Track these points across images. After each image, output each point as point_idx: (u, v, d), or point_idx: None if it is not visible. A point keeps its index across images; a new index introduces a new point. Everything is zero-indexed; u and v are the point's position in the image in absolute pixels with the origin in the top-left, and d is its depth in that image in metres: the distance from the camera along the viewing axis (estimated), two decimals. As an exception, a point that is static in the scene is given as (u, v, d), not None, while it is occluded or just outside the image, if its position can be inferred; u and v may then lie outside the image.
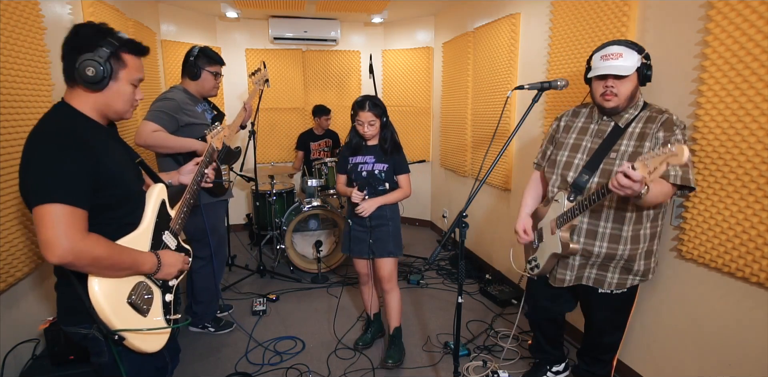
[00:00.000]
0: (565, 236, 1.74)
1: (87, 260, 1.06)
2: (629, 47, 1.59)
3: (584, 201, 1.60)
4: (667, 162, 1.21)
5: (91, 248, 1.06)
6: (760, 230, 1.51)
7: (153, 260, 1.24)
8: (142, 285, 1.23)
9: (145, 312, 1.23)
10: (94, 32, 1.17)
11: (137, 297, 1.20)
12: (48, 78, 2.04)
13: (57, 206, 1.04)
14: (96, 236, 1.10)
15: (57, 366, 1.75)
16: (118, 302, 1.15)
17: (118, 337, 1.13)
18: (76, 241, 1.04)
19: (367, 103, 2.21)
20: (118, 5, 2.91)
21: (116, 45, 1.17)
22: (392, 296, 2.39)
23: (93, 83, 1.15)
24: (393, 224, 2.34)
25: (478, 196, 2.95)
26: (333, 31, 4.58)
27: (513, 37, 2.97)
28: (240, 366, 2.37)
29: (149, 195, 1.34)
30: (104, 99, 1.20)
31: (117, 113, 1.25)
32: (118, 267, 1.13)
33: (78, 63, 1.13)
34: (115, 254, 1.12)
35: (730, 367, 1.66)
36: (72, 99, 1.20)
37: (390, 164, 2.29)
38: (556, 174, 1.83)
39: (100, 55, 1.14)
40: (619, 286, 1.74)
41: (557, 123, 1.92)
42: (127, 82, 1.22)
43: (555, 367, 2.16)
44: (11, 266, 1.72)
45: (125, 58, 1.21)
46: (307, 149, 4.43)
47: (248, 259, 3.98)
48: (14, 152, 1.77)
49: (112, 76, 1.18)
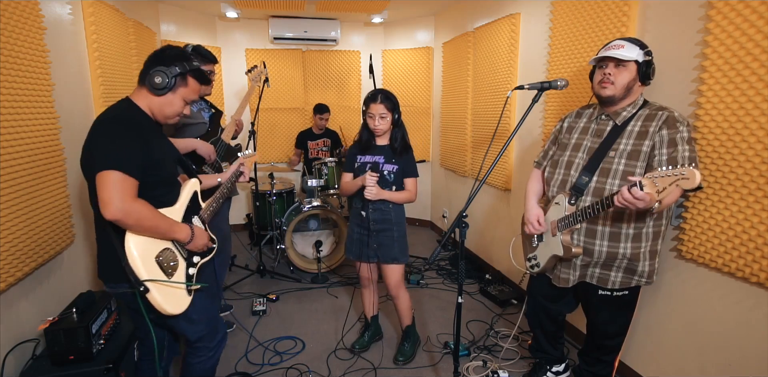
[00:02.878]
0: (567, 240, 1.74)
1: (133, 219, 1.28)
2: (632, 42, 1.62)
3: (588, 209, 1.59)
4: (677, 184, 1.22)
5: (138, 209, 1.29)
6: (760, 230, 1.51)
7: (188, 230, 1.48)
8: (169, 251, 1.44)
9: (170, 274, 1.43)
10: (177, 54, 1.47)
11: (164, 259, 1.42)
12: (48, 78, 2.04)
13: (116, 172, 1.27)
14: (143, 201, 1.33)
15: (57, 366, 1.75)
16: (147, 257, 1.36)
17: (143, 288, 1.32)
18: (127, 202, 1.27)
19: (379, 95, 2.15)
20: (118, 5, 2.91)
21: (187, 69, 1.46)
22: (401, 300, 2.39)
23: (156, 89, 1.44)
24: (398, 230, 2.28)
25: (478, 196, 2.95)
26: (333, 31, 4.58)
27: (513, 37, 2.97)
28: (240, 366, 2.37)
29: (184, 186, 1.60)
30: (159, 103, 1.48)
31: (164, 117, 1.51)
32: (157, 229, 1.36)
33: (152, 70, 1.42)
34: (157, 218, 1.36)
35: (731, 367, 1.66)
36: (135, 97, 1.48)
37: (400, 165, 2.23)
38: (558, 173, 1.83)
39: (171, 71, 1.43)
40: (623, 284, 1.74)
41: (561, 124, 1.92)
42: (181, 98, 1.50)
43: (555, 367, 2.16)
44: (11, 266, 1.71)
45: (190, 80, 1.50)
46: (306, 148, 4.43)
47: (248, 259, 3.98)
48: (14, 152, 1.77)
49: (173, 89, 1.46)
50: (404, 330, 2.45)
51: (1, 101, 1.71)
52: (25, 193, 1.82)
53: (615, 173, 1.65)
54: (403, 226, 2.32)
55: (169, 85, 1.44)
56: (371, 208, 2.24)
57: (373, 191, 2.14)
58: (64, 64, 2.26)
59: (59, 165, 2.09)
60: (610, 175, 1.66)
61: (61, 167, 2.10)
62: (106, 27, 2.67)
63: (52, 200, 2.01)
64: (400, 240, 2.29)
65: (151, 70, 1.43)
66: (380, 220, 2.25)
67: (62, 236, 2.08)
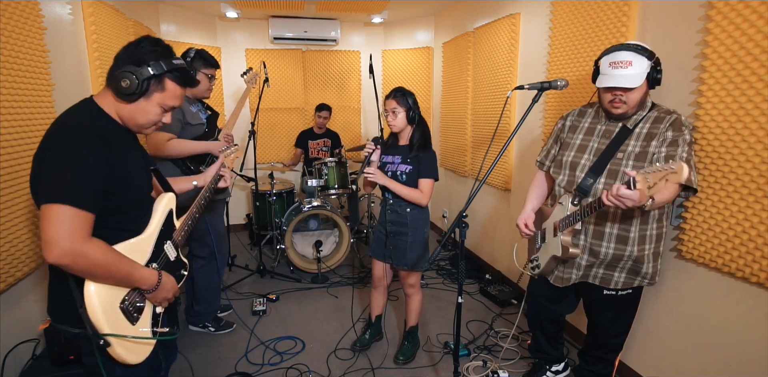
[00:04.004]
0: (566, 240, 1.74)
1: (83, 264, 1.04)
2: (639, 53, 1.52)
3: (586, 208, 1.59)
4: (666, 179, 1.21)
5: (91, 253, 1.04)
6: (760, 230, 1.51)
7: (153, 279, 1.21)
8: (137, 292, 1.21)
9: (135, 320, 1.20)
10: (152, 50, 1.17)
11: (130, 303, 1.18)
12: (48, 78, 2.04)
13: (64, 207, 1.01)
14: (98, 242, 1.08)
15: (57, 366, 1.75)
16: (111, 305, 1.14)
17: (103, 342, 1.10)
18: (76, 244, 1.02)
19: (393, 91, 2.15)
20: (118, 5, 2.91)
21: (163, 69, 1.17)
22: (413, 300, 2.39)
23: (123, 94, 1.16)
24: (413, 235, 2.20)
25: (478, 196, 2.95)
26: (333, 31, 4.58)
27: (513, 37, 2.97)
28: (240, 366, 2.37)
29: (158, 203, 1.33)
30: (129, 111, 1.20)
31: (136, 126, 1.24)
32: (112, 278, 1.12)
33: (118, 71, 1.14)
34: (113, 264, 1.09)
35: (730, 367, 1.66)
36: (100, 98, 1.20)
37: (414, 165, 2.15)
38: (563, 174, 1.82)
39: (143, 73, 1.14)
40: (626, 285, 1.74)
41: (563, 122, 1.90)
42: (158, 104, 1.21)
43: (554, 367, 2.16)
44: (11, 266, 1.72)
45: (167, 83, 1.20)
46: (306, 147, 4.43)
47: (248, 259, 3.98)
48: (14, 152, 1.77)
49: (145, 95, 1.18)
50: (407, 330, 2.45)
51: (1, 101, 1.71)
52: (25, 193, 1.82)
53: (623, 174, 1.63)
54: (421, 232, 2.23)
55: (139, 90, 1.14)
56: (388, 209, 2.24)
57: (373, 173, 2.10)
58: (64, 64, 2.26)
59: (59, 165, 2.09)
60: (618, 177, 1.64)
61: (61, 167, 2.10)
62: (106, 27, 2.67)
63: (52, 200, 2.01)
64: (414, 246, 2.21)
65: (117, 70, 1.14)
66: (395, 222, 2.23)
67: (62, 236, 2.08)
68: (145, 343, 1.24)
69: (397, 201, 2.22)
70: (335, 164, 3.71)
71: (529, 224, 1.91)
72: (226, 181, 1.66)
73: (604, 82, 1.58)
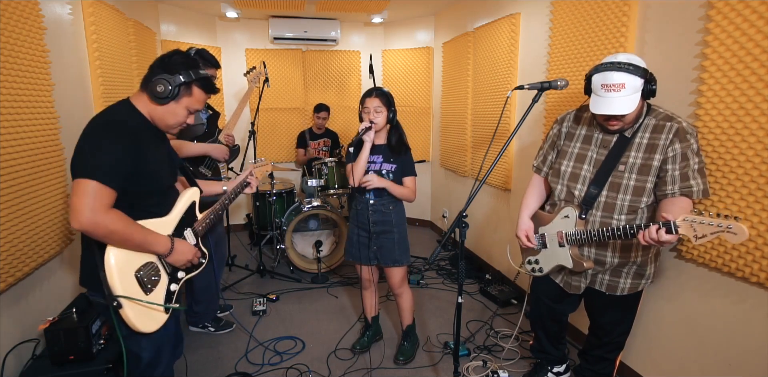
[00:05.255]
0: (576, 254, 1.74)
1: (102, 231, 1.23)
2: (631, 73, 1.46)
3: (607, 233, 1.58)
4: (719, 237, 1.24)
5: (109, 222, 1.23)
6: (760, 230, 1.51)
7: (167, 243, 1.40)
8: (152, 266, 1.39)
9: (148, 291, 1.36)
10: (183, 61, 1.39)
11: (145, 273, 1.36)
12: (48, 78, 2.04)
13: (91, 182, 1.22)
14: (117, 212, 1.27)
15: (57, 366, 1.75)
16: (126, 271, 1.31)
17: (116, 303, 1.27)
18: (98, 213, 1.21)
19: (374, 91, 2.16)
20: (118, 5, 2.91)
21: (192, 78, 1.39)
22: (404, 298, 2.39)
23: (157, 97, 1.37)
24: (398, 232, 2.27)
25: (478, 196, 2.95)
26: (333, 31, 4.58)
27: (513, 37, 2.97)
28: (240, 366, 2.37)
29: (182, 195, 1.54)
30: (160, 112, 1.41)
31: (165, 126, 1.45)
32: (128, 243, 1.30)
33: (154, 78, 1.36)
34: (128, 231, 1.28)
35: (730, 367, 1.66)
36: (136, 100, 1.41)
37: (398, 164, 2.22)
38: (562, 185, 1.80)
39: (176, 80, 1.36)
40: (631, 290, 1.74)
41: (558, 128, 1.87)
42: (185, 108, 1.43)
43: (556, 368, 2.16)
44: (11, 266, 1.72)
45: (195, 90, 1.42)
46: (306, 147, 4.43)
47: (248, 259, 3.98)
48: (14, 152, 1.77)
49: (176, 99, 1.39)
50: (404, 329, 2.45)
51: (1, 101, 1.71)
52: (24, 193, 1.82)
53: (626, 188, 1.63)
54: (403, 227, 2.31)
55: (172, 94, 1.36)
56: (371, 209, 2.24)
57: (371, 180, 2.13)
58: (64, 64, 2.26)
59: (59, 165, 2.09)
60: (621, 190, 1.63)
61: (60, 166, 2.10)
62: (106, 27, 2.67)
63: (51, 200, 2.01)
64: (400, 242, 2.28)
65: (154, 76, 1.36)
66: (380, 222, 2.25)
67: (62, 237, 2.08)
68: (156, 316, 1.40)
69: (379, 201, 2.23)
70: (335, 164, 3.70)
71: (531, 235, 1.88)
72: (252, 188, 1.85)
73: (597, 107, 1.53)
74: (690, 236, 1.30)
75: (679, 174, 1.55)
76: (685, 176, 1.54)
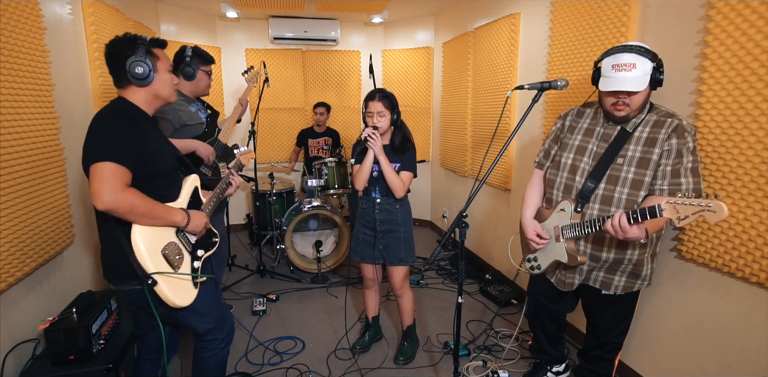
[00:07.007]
0: (572, 248, 1.74)
1: (125, 207, 1.31)
2: (642, 55, 1.49)
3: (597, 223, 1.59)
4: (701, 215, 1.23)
5: (130, 198, 1.32)
6: (760, 230, 1.51)
7: (183, 214, 1.51)
8: (174, 245, 1.49)
9: (176, 267, 1.47)
10: (125, 41, 1.45)
11: (169, 252, 1.46)
12: (48, 78, 2.04)
13: (108, 163, 1.30)
14: (134, 189, 1.36)
15: (57, 366, 1.75)
16: (153, 250, 1.41)
17: (152, 281, 1.36)
18: (117, 192, 1.30)
19: (377, 94, 2.16)
20: (118, 5, 2.91)
21: (147, 43, 1.46)
22: (405, 299, 2.39)
23: (143, 79, 1.44)
24: (404, 231, 2.28)
25: (478, 196, 2.96)
26: (333, 31, 4.58)
27: (513, 37, 2.97)
28: (240, 366, 2.37)
29: (185, 180, 1.63)
30: (153, 90, 1.49)
31: (165, 98, 1.54)
32: (151, 215, 1.39)
33: (128, 65, 1.42)
34: (148, 203, 1.38)
35: (730, 367, 1.66)
36: (126, 94, 1.49)
37: (401, 163, 2.23)
38: (561, 177, 1.80)
39: (140, 55, 1.43)
40: (625, 289, 1.74)
41: (561, 122, 1.87)
42: (164, 70, 1.50)
43: (555, 368, 2.16)
44: (11, 266, 1.71)
45: (156, 51, 1.49)
46: (306, 146, 4.43)
47: (248, 259, 3.98)
48: (14, 152, 1.77)
49: (154, 69, 1.46)
50: (405, 330, 2.45)
51: (1, 101, 1.71)
52: (25, 193, 1.82)
53: (624, 181, 1.62)
54: (409, 227, 2.31)
55: (150, 67, 1.44)
56: (377, 208, 2.24)
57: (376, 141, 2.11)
58: (64, 64, 2.26)
59: (59, 165, 2.09)
60: (618, 183, 1.63)
61: (61, 166, 2.10)
62: (106, 27, 2.67)
63: (52, 200, 2.01)
64: (406, 241, 2.28)
65: (126, 66, 1.42)
66: (386, 221, 2.25)
67: (62, 236, 2.08)
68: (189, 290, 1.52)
69: (385, 200, 2.24)
70: (335, 163, 3.71)
71: (541, 233, 1.83)
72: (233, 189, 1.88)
73: (608, 85, 1.54)
74: (674, 218, 1.30)
75: (670, 170, 1.55)
76: (675, 173, 1.54)
